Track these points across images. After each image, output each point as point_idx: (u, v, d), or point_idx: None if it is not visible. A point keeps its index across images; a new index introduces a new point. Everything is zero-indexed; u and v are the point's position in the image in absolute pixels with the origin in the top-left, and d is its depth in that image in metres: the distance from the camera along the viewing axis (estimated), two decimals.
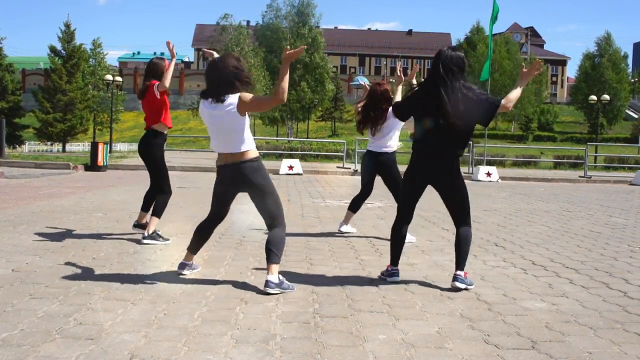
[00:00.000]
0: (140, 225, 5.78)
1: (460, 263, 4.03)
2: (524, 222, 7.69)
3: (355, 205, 6.27)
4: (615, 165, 23.80)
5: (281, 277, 3.80)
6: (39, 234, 5.60)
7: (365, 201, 6.38)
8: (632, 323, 3.33)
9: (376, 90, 5.80)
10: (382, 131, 5.83)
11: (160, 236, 5.42)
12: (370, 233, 6.37)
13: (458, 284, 3.96)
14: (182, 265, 4.14)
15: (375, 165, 6.00)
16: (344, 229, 6.30)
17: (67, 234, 5.65)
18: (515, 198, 11.49)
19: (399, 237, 4.18)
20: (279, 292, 3.71)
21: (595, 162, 25.14)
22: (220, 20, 47.52)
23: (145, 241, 5.33)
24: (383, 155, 5.92)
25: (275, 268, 3.77)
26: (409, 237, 5.84)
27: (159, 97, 5.36)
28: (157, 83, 5.37)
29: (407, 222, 4.21)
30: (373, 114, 5.82)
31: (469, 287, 3.99)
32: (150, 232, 5.39)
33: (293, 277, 4.20)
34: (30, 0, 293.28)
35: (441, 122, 3.88)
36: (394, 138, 5.93)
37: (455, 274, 4.02)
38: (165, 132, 5.67)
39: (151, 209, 5.69)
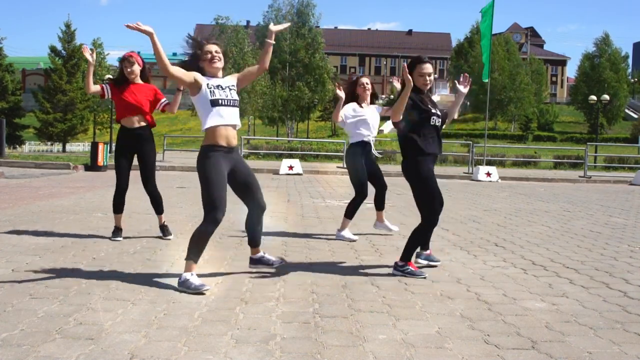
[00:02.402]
0: (162, 227, 5.72)
1: (403, 252, 4.37)
2: (524, 222, 7.69)
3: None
4: (615, 165, 23.80)
5: (189, 275, 3.72)
6: (39, 234, 5.60)
7: (365, 201, 6.35)
8: (632, 323, 3.33)
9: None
10: None
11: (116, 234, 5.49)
12: (370, 233, 6.36)
13: (393, 271, 4.38)
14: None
15: None
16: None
17: (67, 234, 5.65)
18: (515, 198, 11.49)
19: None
20: (181, 289, 3.68)
21: (595, 162, 25.13)
22: (216, 21, 47.55)
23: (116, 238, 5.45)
24: None
25: (187, 264, 3.79)
26: (393, 227, 6.18)
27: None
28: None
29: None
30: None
31: (416, 276, 4.27)
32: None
33: (293, 277, 4.20)
34: (31, 0, 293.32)
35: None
36: (349, 132, 5.96)
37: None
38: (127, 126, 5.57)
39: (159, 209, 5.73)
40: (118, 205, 5.61)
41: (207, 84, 3.90)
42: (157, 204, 5.67)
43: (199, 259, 3.87)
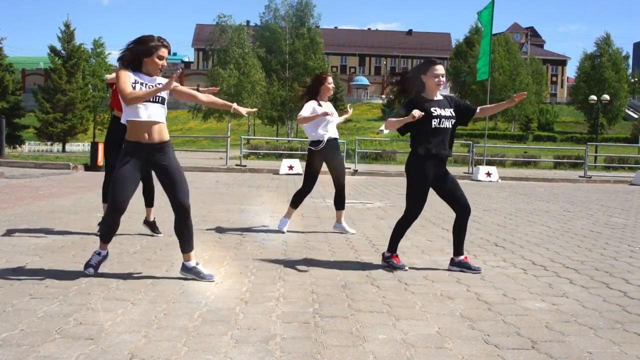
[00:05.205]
0: (151, 223, 5.76)
1: (388, 244, 4.68)
2: (524, 222, 7.69)
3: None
4: (615, 165, 23.79)
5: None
6: (39, 234, 5.60)
7: (365, 201, 6.39)
8: (632, 323, 3.33)
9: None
10: None
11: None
12: (370, 233, 6.36)
13: (382, 262, 4.69)
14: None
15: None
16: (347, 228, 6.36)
17: (67, 234, 5.65)
18: (515, 198, 11.49)
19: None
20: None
21: (595, 162, 25.13)
22: (217, 20, 47.54)
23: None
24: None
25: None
26: (349, 229, 6.30)
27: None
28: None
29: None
30: None
31: (397, 269, 4.54)
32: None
33: (293, 277, 4.20)
34: (31, 0, 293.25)
35: None
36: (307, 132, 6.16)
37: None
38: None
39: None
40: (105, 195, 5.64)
41: (134, 80, 3.89)
42: (149, 194, 5.73)
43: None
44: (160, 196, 5.74)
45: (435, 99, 4.48)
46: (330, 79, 6.11)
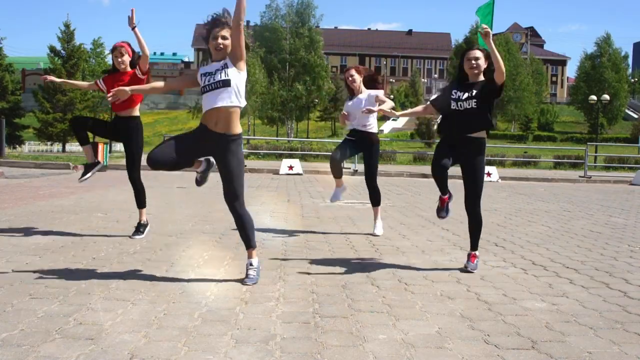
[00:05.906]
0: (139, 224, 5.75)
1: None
2: (524, 222, 7.69)
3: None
4: (615, 165, 23.79)
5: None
6: (39, 234, 5.60)
7: (365, 201, 6.39)
8: (632, 323, 3.33)
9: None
10: None
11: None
12: (369, 233, 6.36)
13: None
14: None
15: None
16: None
17: (67, 234, 5.65)
18: (515, 198, 11.49)
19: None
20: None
21: (595, 162, 25.13)
22: None
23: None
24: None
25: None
26: (377, 230, 6.27)
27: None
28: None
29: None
30: None
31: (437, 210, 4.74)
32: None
33: (293, 277, 4.20)
34: (31, 0, 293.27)
35: None
36: None
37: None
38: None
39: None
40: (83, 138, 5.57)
41: (201, 74, 3.99)
42: (139, 195, 5.65)
43: None
44: (160, 197, 5.74)
45: (470, 82, 4.54)
46: (348, 72, 6.09)
